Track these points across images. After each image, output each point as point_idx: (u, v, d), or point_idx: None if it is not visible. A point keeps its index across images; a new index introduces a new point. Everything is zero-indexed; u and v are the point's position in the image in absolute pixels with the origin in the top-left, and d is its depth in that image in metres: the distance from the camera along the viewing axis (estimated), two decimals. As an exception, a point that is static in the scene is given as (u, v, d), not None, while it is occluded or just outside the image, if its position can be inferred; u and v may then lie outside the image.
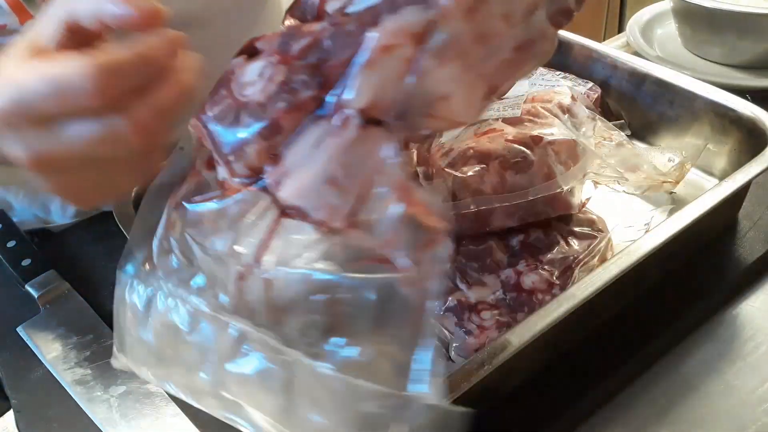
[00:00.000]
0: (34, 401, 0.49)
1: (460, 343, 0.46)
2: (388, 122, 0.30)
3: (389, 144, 0.30)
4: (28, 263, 0.59)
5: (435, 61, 0.29)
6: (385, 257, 0.29)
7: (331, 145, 0.30)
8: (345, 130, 0.30)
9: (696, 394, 0.47)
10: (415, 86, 0.29)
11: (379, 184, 0.29)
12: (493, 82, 0.31)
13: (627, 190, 0.59)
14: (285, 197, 0.31)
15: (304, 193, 0.30)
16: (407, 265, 0.28)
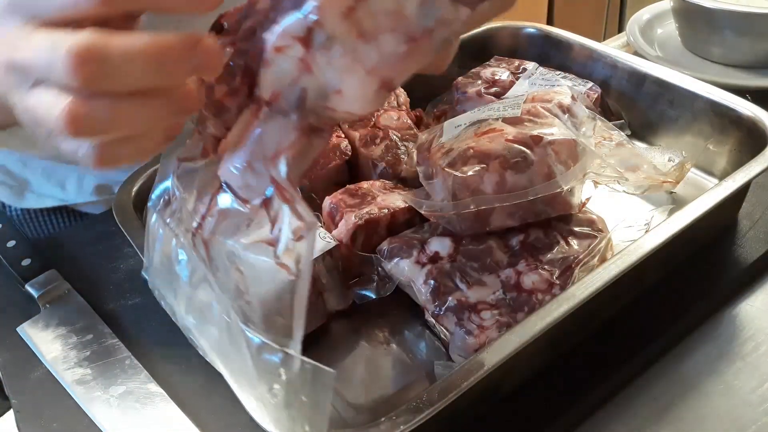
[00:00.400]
0: (34, 401, 0.50)
1: (460, 343, 0.46)
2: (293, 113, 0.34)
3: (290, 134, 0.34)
4: (28, 263, 0.59)
5: (324, 58, 0.32)
6: (272, 240, 0.33)
7: (247, 133, 0.34)
8: (256, 120, 0.34)
9: (696, 394, 0.47)
10: (311, 81, 0.33)
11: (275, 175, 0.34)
12: (386, 75, 0.33)
13: (627, 190, 0.59)
14: (219, 174, 0.35)
15: (229, 174, 0.35)
16: (280, 253, 0.33)
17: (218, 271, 0.36)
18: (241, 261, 0.34)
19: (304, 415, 0.34)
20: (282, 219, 0.33)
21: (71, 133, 0.29)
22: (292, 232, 0.33)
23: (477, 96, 0.67)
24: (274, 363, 0.33)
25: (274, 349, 0.33)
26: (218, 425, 0.47)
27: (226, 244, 0.35)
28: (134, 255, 0.52)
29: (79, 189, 0.69)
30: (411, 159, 0.60)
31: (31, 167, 0.68)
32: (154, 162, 0.60)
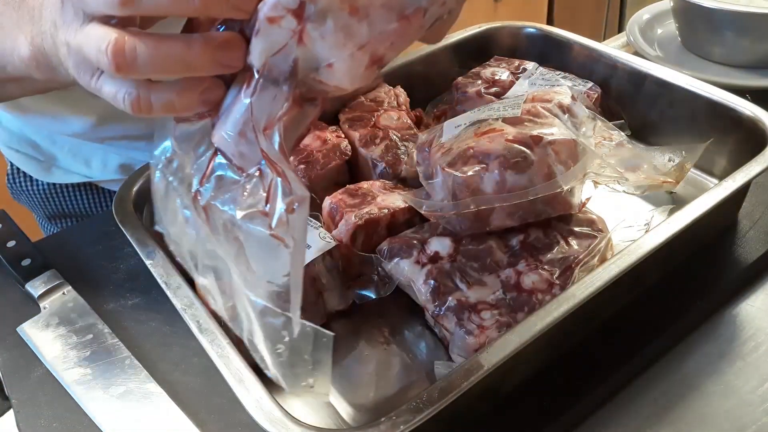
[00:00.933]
0: (34, 401, 0.50)
1: (460, 343, 0.46)
2: (284, 83, 0.34)
3: (282, 104, 0.34)
4: (28, 263, 0.59)
5: (316, 32, 0.32)
6: (266, 212, 0.34)
7: (240, 101, 0.35)
8: (249, 89, 0.34)
9: (696, 394, 0.47)
10: (302, 53, 0.33)
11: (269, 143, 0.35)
12: (377, 52, 0.34)
13: (627, 190, 0.59)
14: (213, 141, 0.36)
15: (223, 143, 0.35)
16: (274, 225, 0.34)
17: (219, 235, 0.37)
18: (240, 230, 0.35)
19: (308, 372, 0.36)
20: (275, 191, 0.34)
21: (114, 67, 0.32)
22: (285, 204, 0.33)
23: (477, 96, 0.67)
24: (277, 325, 0.35)
25: (276, 312, 0.35)
26: (218, 425, 0.47)
27: (224, 213, 0.36)
28: (134, 255, 0.52)
29: (104, 167, 0.71)
30: (411, 159, 0.60)
31: (59, 144, 0.70)
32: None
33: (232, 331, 0.46)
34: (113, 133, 0.67)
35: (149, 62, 0.32)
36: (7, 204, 1.55)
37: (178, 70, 0.33)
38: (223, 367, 0.41)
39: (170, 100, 0.34)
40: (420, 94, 0.72)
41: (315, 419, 0.46)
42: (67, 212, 0.77)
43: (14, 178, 0.77)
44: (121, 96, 0.34)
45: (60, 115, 0.66)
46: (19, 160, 0.75)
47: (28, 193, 0.76)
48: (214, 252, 0.37)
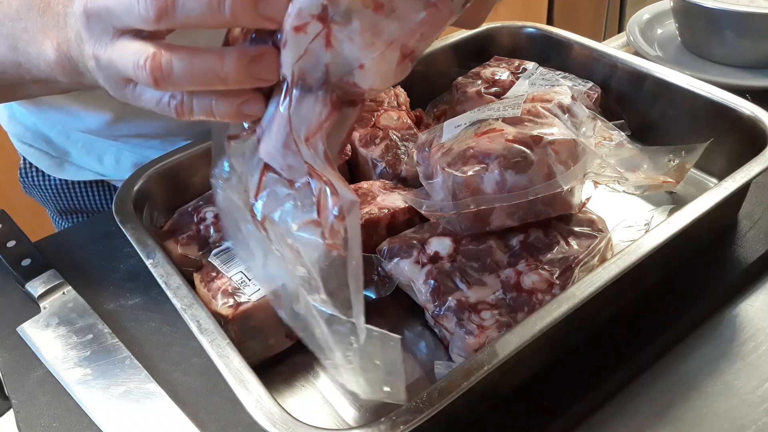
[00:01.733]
0: (34, 401, 0.50)
1: (460, 343, 0.46)
2: (319, 90, 0.34)
3: (320, 111, 0.34)
4: (28, 263, 0.59)
5: (343, 34, 0.32)
6: (318, 221, 0.35)
7: (279, 114, 0.35)
8: (285, 101, 0.34)
9: (696, 394, 0.47)
10: (332, 57, 0.33)
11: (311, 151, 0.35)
12: (407, 45, 0.33)
13: (627, 190, 0.59)
14: (261, 155, 0.36)
15: (270, 157, 0.36)
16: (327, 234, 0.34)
17: (280, 246, 0.37)
18: (296, 240, 0.35)
19: (381, 378, 0.36)
20: (325, 199, 0.34)
21: (153, 81, 0.33)
22: (335, 211, 0.33)
23: (477, 96, 0.67)
24: (344, 332, 0.35)
25: (341, 320, 0.35)
26: (218, 425, 0.47)
27: (279, 226, 0.36)
28: (134, 255, 0.52)
29: (117, 164, 0.71)
30: (411, 159, 0.60)
31: (73, 139, 0.70)
32: (153, 163, 0.60)
33: (231, 332, 0.46)
34: (128, 131, 0.67)
35: (184, 76, 0.33)
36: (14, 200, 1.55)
37: (213, 83, 0.33)
38: (223, 367, 0.41)
39: (210, 107, 0.35)
40: (420, 94, 0.72)
41: (315, 419, 0.46)
42: (78, 208, 0.77)
43: (26, 172, 0.77)
44: (165, 101, 0.35)
45: (75, 111, 0.66)
46: (32, 155, 0.75)
47: (40, 188, 0.77)
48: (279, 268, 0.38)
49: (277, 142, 0.35)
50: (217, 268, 0.51)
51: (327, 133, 0.35)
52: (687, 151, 0.58)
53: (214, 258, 0.52)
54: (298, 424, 0.37)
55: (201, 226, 0.56)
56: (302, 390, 0.48)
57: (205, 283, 0.50)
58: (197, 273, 0.52)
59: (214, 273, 0.50)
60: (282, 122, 0.34)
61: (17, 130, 0.74)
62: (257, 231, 0.38)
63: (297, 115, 0.34)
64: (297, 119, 0.34)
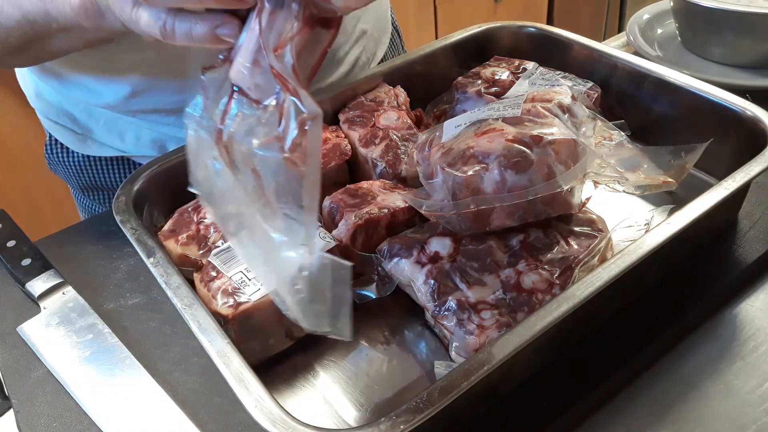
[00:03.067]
0: (34, 401, 0.50)
1: (460, 343, 0.46)
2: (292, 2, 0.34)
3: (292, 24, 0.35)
4: (28, 263, 0.59)
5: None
6: (280, 137, 0.34)
7: (251, 30, 0.35)
8: (258, 18, 0.35)
9: (696, 394, 0.47)
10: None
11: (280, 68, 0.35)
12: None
13: (627, 190, 0.59)
14: (230, 76, 0.37)
15: (239, 76, 0.36)
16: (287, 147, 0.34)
17: (240, 174, 0.37)
18: (256, 159, 0.36)
19: (328, 310, 0.36)
20: (288, 111, 0.34)
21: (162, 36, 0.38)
22: (297, 125, 0.33)
23: (477, 96, 0.67)
24: (295, 260, 0.35)
25: (294, 245, 0.34)
26: (218, 425, 0.47)
27: (242, 145, 0.36)
28: (134, 255, 0.52)
29: (137, 141, 0.73)
30: (411, 159, 0.60)
31: (96, 117, 0.73)
32: (153, 163, 0.60)
33: (231, 332, 0.46)
34: (145, 105, 0.69)
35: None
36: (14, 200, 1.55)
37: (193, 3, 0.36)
38: (223, 367, 0.41)
39: (189, 29, 0.38)
40: (420, 94, 0.72)
41: (315, 419, 0.46)
42: (101, 185, 0.79)
43: (52, 149, 0.80)
44: (153, 22, 0.39)
45: (95, 87, 0.68)
46: (57, 132, 0.78)
47: (64, 164, 0.79)
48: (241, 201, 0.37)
49: (246, 59, 0.35)
50: (217, 268, 0.51)
51: (297, 50, 0.35)
52: (687, 151, 0.58)
53: (214, 258, 0.52)
54: (298, 424, 0.37)
55: (201, 226, 0.56)
56: (302, 390, 0.48)
57: (205, 283, 0.50)
58: (197, 273, 0.52)
59: (214, 273, 0.50)
60: (253, 38, 0.35)
61: (43, 107, 0.77)
62: (223, 166, 0.38)
63: (267, 27, 0.34)
64: (267, 31, 0.34)
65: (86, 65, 0.66)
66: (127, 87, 0.67)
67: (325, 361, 0.50)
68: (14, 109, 1.43)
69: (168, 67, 0.65)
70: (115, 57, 0.60)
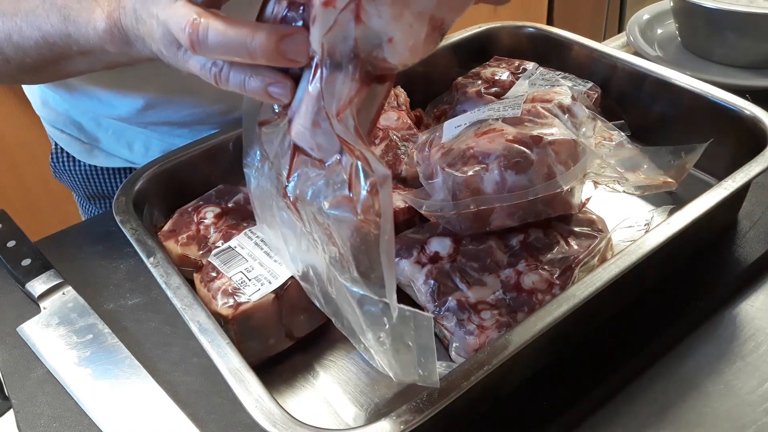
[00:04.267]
0: (34, 401, 0.50)
1: (460, 343, 0.46)
2: (348, 65, 0.34)
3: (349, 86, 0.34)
4: (28, 263, 0.59)
5: (372, 7, 0.32)
6: (351, 198, 0.34)
7: (308, 92, 0.35)
8: (315, 78, 0.34)
9: (696, 394, 0.47)
10: (361, 32, 0.33)
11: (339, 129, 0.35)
12: (437, 17, 0.33)
13: (627, 190, 0.59)
14: (291, 136, 0.36)
15: (300, 137, 0.36)
16: (360, 210, 0.34)
17: (308, 228, 0.37)
18: (329, 219, 0.36)
19: (413, 358, 0.36)
20: (356, 174, 0.34)
21: (189, 45, 0.35)
22: (368, 187, 0.33)
23: (477, 96, 0.67)
24: (377, 313, 0.35)
25: (373, 300, 0.34)
26: (218, 425, 0.47)
27: (311, 205, 0.36)
28: (134, 255, 0.52)
29: (146, 152, 0.73)
30: (411, 159, 0.60)
31: (104, 126, 0.72)
32: (153, 163, 0.60)
33: (231, 332, 0.46)
34: (157, 118, 0.69)
35: (217, 45, 0.35)
36: (14, 200, 1.55)
37: (241, 55, 0.35)
38: (223, 367, 0.41)
39: (243, 81, 0.37)
40: (420, 94, 0.72)
41: (315, 419, 0.46)
42: (107, 194, 0.79)
43: (58, 158, 0.79)
44: (208, 67, 0.38)
45: (107, 98, 0.68)
46: (63, 141, 0.77)
47: (70, 173, 0.78)
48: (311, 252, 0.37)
49: (307, 120, 0.35)
50: (217, 268, 0.51)
51: (356, 110, 0.35)
52: (687, 151, 0.58)
53: (214, 258, 0.52)
54: (298, 424, 0.37)
55: (201, 226, 0.55)
56: (302, 390, 0.48)
57: (205, 283, 0.50)
58: (197, 273, 0.52)
59: (214, 273, 0.50)
60: (311, 100, 0.35)
61: (50, 115, 0.76)
62: (290, 216, 0.38)
63: (327, 91, 0.34)
64: (327, 95, 0.34)
65: (100, 78, 0.65)
66: (140, 100, 0.66)
67: (325, 361, 0.50)
68: (15, 108, 1.43)
69: (183, 82, 0.64)
70: (130, 71, 0.58)
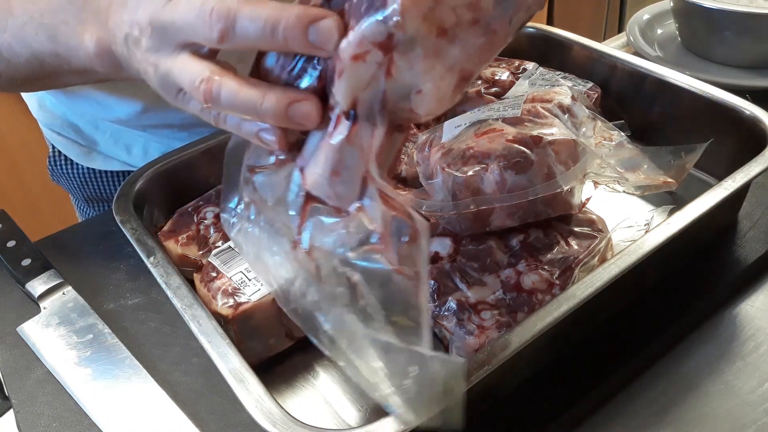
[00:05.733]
0: (34, 401, 0.50)
1: (460, 343, 0.46)
2: (373, 117, 0.33)
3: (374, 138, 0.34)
4: (28, 263, 0.59)
5: (404, 61, 0.31)
6: (378, 247, 0.34)
7: (329, 143, 0.34)
8: (337, 129, 0.33)
9: (696, 394, 0.47)
10: (391, 85, 0.32)
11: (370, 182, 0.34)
12: (466, 69, 0.33)
13: (627, 190, 0.59)
14: (306, 186, 0.35)
15: (317, 186, 0.35)
16: (395, 260, 0.33)
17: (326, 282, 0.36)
18: (355, 268, 0.35)
19: (438, 402, 0.35)
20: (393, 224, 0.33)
21: (203, 101, 0.35)
22: (405, 236, 0.33)
23: (477, 96, 0.67)
24: (402, 361, 0.34)
25: (401, 348, 0.34)
26: (218, 425, 0.47)
27: (333, 254, 0.35)
28: (134, 255, 0.52)
29: (144, 155, 0.73)
30: (411, 159, 0.60)
31: (102, 129, 0.72)
32: (153, 163, 0.60)
33: (231, 332, 0.46)
34: (156, 121, 0.68)
35: (229, 104, 0.35)
36: (14, 200, 1.55)
37: (252, 116, 0.35)
38: (223, 367, 0.41)
39: (238, 123, 0.37)
40: (420, 94, 0.72)
41: (315, 419, 0.46)
42: (105, 197, 0.79)
43: (55, 161, 0.78)
44: (205, 115, 0.38)
45: (105, 101, 0.67)
46: (60, 144, 0.76)
47: (67, 176, 0.78)
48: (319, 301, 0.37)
49: (325, 170, 0.34)
50: (217, 268, 0.51)
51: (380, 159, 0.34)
52: (687, 151, 0.58)
53: (214, 258, 0.52)
54: (298, 424, 0.37)
55: (201, 226, 0.56)
56: (302, 390, 0.48)
57: (205, 283, 0.50)
58: (197, 273, 0.52)
59: (214, 273, 0.50)
60: (331, 150, 0.34)
61: (47, 118, 0.75)
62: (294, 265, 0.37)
63: (353, 142, 0.33)
64: (351, 147, 0.33)
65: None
66: (139, 103, 0.66)
67: (325, 361, 0.50)
68: (15, 109, 1.43)
69: None
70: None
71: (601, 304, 0.45)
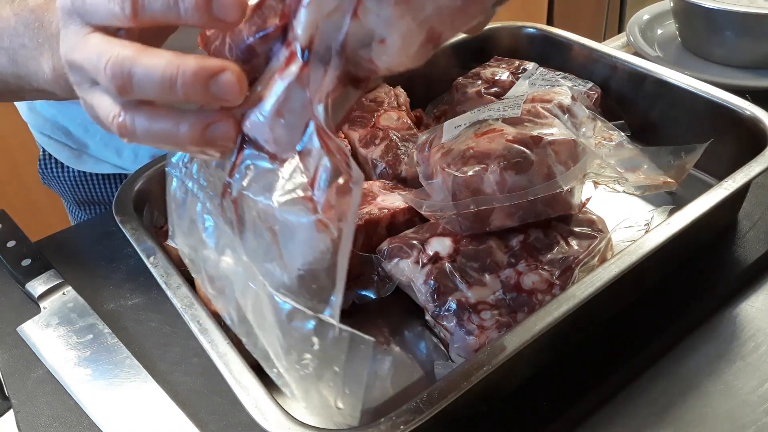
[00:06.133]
0: (34, 401, 0.50)
1: (460, 343, 0.46)
2: (329, 58, 0.32)
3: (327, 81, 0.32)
4: (28, 263, 0.59)
5: (374, 4, 0.30)
6: (310, 197, 0.31)
7: (276, 80, 0.32)
8: (288, 68, 0.32)
9: (696, 394, 0.47)
10: (355, 27, 0.31)
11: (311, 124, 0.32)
12: (436, 29, 0.31)
13: (627, 190, 0.59)
14: (244, 129, 0.33)
15: (256, 127, 0.33)
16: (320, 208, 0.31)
17: (247, 232, 0.34)
18: (276, 220, 0.32)
19: (337, 388, 0.32)
20: (325, 170, 0.31)
21: (121, 136, 0.34)
22: (335, 187, 0.31)
23: (477, 96, 0.67)
24: (307, 331, 0.31)
25: (306, 315, 0.31)
26: (218, 425, 0.47)
27: (257, 202, 0.33)
28: (134, 255, 0.52)
29: (135, 157, 0.73)
30: (411, 159, 0.60)
31: (92, 132, 0.72)
32: (153, 163, 0.60)
33: (232, 331, 0.46)
34: None
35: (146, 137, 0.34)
36: (14, 200, 1.55)
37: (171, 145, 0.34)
38: (223, 367, 0.41)
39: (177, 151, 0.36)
40: (420, 94, 0.72)
41: (315, 419, 0.46)
42: (97, 200, 0.78)
43: (46, 164, 0.78)
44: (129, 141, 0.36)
45: None
46: (51, 147, 0.76)
47: (58, 179, 0.78)
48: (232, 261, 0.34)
49: (270, 110, 0.32)
50: (217, 268, 0.51)
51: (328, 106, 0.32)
52: (687, 151, 0.58)
53: (214, 258, 0.52)
54: (298, 424, 0.37)
55: (201, 226, 0.56)
56: (302, 390, 0.48)
57: (205, 283, 0.50)
58: (197, 273, 0.52)
59: (214, 273, 0.50)
60: (280, 87, 0.32)
61: (37, 121, 0.75)
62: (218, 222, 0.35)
63: (302, 80, 0.32)
64: (302, 85, 0.32)
65: None
66: None
67: (325, 361, 0.50)
68: (15, 109, 1.43)
69: None
70: None
71: (601, 304, 0.45)
